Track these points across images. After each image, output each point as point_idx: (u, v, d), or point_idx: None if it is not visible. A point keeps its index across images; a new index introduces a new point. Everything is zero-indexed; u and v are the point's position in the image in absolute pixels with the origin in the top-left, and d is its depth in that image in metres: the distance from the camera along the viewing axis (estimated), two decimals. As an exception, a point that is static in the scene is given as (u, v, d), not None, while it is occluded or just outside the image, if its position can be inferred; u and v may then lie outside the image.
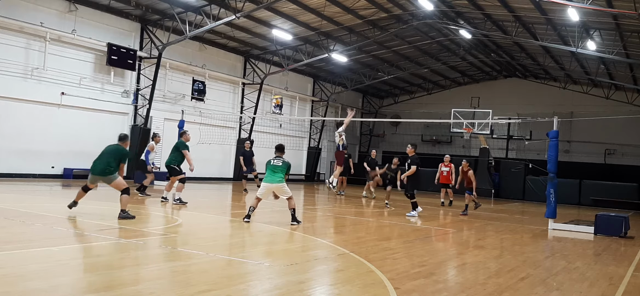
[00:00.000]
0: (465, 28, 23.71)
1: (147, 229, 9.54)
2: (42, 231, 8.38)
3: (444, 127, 31.99)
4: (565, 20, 20.21)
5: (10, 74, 18.03)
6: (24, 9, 18.22)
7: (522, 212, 20.06)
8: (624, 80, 27.51)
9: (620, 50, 21.87)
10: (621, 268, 8.40)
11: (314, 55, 26.55)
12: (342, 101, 35.02)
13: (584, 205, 25.85)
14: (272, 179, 10.82)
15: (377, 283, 6.18)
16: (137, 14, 21.69)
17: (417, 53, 29.21)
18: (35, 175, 18.78)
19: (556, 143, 13.46)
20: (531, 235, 12.28)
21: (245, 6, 20.02)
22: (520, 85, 33.88)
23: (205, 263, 6.85)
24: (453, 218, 15.13)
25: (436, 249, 9.27)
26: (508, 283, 6.70)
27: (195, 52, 24.72)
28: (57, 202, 10.88)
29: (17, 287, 5.09)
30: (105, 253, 7.22)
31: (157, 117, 22.83)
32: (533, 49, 26.91)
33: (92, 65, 20.57)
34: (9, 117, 18.12)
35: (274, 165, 10.91)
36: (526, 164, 27.72)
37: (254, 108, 27.60)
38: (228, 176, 27.14)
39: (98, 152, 10.38)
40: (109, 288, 5.29)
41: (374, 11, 22.54)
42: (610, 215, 13.11)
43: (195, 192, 18.49)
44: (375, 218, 13.95)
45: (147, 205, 13.15)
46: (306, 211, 14.64)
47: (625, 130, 29.60)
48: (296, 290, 5.74)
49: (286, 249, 8.73)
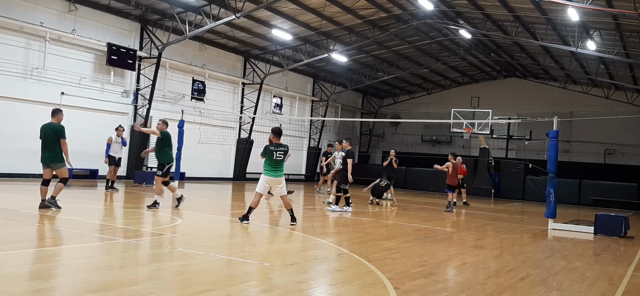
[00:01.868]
0: (465, 28, 23.71)
1: (147, 229, 9.54)
2: (41, 232, 8.38)
3: (444, 127, 32.00)
4: (565, 20, 20.21)
5: (10, 74, 18.03)
6: (24, 9, 18.22)
7: (522, 211, 20.05)
8: (624, 80, 27.51)
9: (620, 50, 21.87)
10: (621, 268, 8.40)
11: (313, 55, 26.56)
12: (342, 101, 35.06)
13: (584, 205, 25.84)
14: (275, 175, 10.36)
15: (377, 283, 6.18)
16: (137, 14, 21.69)
17: (417, 53, 29.21)
18: (35, 175, 18.74)
19: (556, 143, 13.46)
20: (531, 235, 12.28)
21: (245, 6, 20.03)
22: (520, 85, 33.88)
23: (205, 263, 6.85)
24: (453, 218, 15.13)
25: (436, 249, 9.26)
26: (508, 283, 6.70)
27: (195, 52, 24.73)
28: (57, 202, 10.88)
29: (17, 287, 5.09)
30: (105, 253, 7.22)
31: (157, 117, 22.82)
32: (533, 49, 26.91)
33: (92, 65, 20.58)
34: (9, 117, 18.12)
35: (277, 159, 10.34)
36: (526, 164, 27.71)
37: (253, 108, 27.61)
38: (228, 176, 27.15)
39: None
40: (108, 288, 5.29)
41: (374, 11, 22.54)
42: (610, 215, 13.11)
43: (196, 192, 18.49)
44: (375, 218, 13.95)
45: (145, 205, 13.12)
46: (306, 211, 14.65)
47: (625, 130, 29.59)
48: (296, 290, 5.74)
49: (286, 249, 8.73)
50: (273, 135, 10.56)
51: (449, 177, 16.92)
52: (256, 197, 10.44)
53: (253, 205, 10.43)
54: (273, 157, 10.32)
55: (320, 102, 33.35)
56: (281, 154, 10.39)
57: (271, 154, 10.32)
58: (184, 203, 12.50)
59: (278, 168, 10.41)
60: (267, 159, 10.38)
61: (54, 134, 10.44)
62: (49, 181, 10.66)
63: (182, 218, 10.98)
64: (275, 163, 10.36)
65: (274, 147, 10.36)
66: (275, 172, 10.39)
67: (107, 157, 16.64)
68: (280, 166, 10.44)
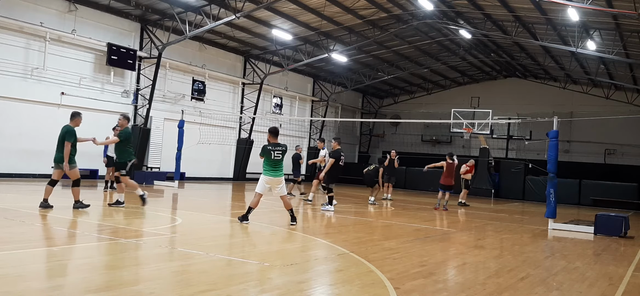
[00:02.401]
0: (465, 28, 23.71)
1: (147, 229, 9.54)
2: (42, 232, 8.38)
3: (444, 127, 32.01)
4: (565, 20, 20.21)
5: (10, 73, 18.03)
6: (24, 9, 18.21)
7: (522, 211, 20.06)
8: (623, 80, 27.51)
9: (620, 50, 21.87)
10: (621, 268, 8.40)
11: (314, 55, 26.56)
12: (342, 101, 35.06)
13: (584, 205, 25.84)
14: (275, 173, 10.39)
15: (377, 283, 6.18)
16: (137, 14, 21.68)
17: (417, 53, 29.21)
18: (35, 175, 18.77)
19: (556, 143, 13.46)
20: (531, 235, 12.27)
21: (245, 6, 20.02)
22: (520, 85, 33.87)
23: (205, 263, 6.85)
24: (453, 218, 15.13)
25: (436, 249, 9.26)
26: (508, 283, 6.70)
27: (195, 52, 24.73)
28: (57, 202, 10.88)
29: (17, 287, 5.08)
30: (105, 253, 7.22)
31: (157, 117, 22.85)
32: (533, 49, 26.91)
33: (92, 65, 20.57)
34: (9, 117, 18.12)
35: (276, 159, 10.35)
36: (526, 164, 27.73)
37: (253, 108, 27.61)
38: (228, 176, 27.15)
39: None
40: (109, 288, 5.29)
41: (374, 11, 22.54)
42: (610, 215, 13.11)
43: (196, 192, 18.50)
44: (375, 218, 13.95)
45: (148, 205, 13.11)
46: (306, 211, 14.64)
47: (625, 130, 29.59)
48: (296, 290, 5.74)
49: (286, 249, 8.72)
50: (270, 135, 10.62)
51: (444, 177, 16.67)
52: (256, 197, 10.43)
53: (253, 205, 10.42)
54: (271, 157, 10.33)
55: (320, 102, 33.36)
56: (279, 154, 10.40)
57: (269, 154, 10.33)
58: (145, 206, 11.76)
59: (277, 168, 10.42)
60: (266, 159, 10.39)
61: (62, 136, 10.50)
62: (56, 182, 10.59)
63: (182, 218, 10.97)
64: (274, 163, 10.37)
65: (271, 146, 10.38)
66: (275, 172, 10.40)
67: (105, 158, 16.57)
68: (279, 166, 10.44)
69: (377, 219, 13.67)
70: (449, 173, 16.78)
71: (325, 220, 12.63)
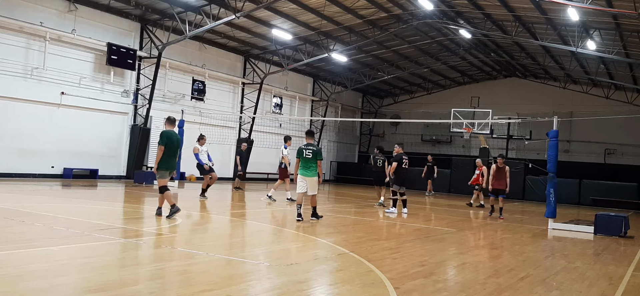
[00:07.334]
0: (465, 28, 23.71)
1: (147, 229, 9.54)
2: (42, 231, 8.38)
3: (443, 127, 31.99)
4: (565, 20, 20.20)
5: (10, 73, 18.03)
6: (24, 9, 18.22)
7: (522, 211, 20.06)
8: (624, 80, 27.51)
9: (620, 50, 21.87)
10: (621, 268, 8.41)
11: (313, 55, 26.56)
12: (342, 101, 35.06)
13: (584, 205, 25.84)
14: (306, 173, 11.15)
15: (377, 283, 6.19)
16: (137, 14, 21.69)
17: (417, 53, 29.21)
18: (35, 175, 18.78)
19: (556, 143, 13.46)
20: (531, 235, 12.27)
21: (245, 6, 20.02)
22: (520, 85, 33.87)
23: (205, 263, 6.86)
24: (453, 218, 15.13)
25: (436, 249, 9.26)
26: (508, 283, 6.70)
27: (195, 52, 24.73)
28: (57, 202, 10.88)
29: (17, 287, 5.09)
30: (105, 253, 7.22)
31: (157, 116, 22.82)
32: (533, 49, 26.91)
33: (92, 65, 20.57)
34: (9, 117, 18.12)
35: (306, 157, 11.15)
36: (526, 164, 27.72)
37: (253, 108, 27.61)
38: (228, 176, 27.14)
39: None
40: (109, 288, 5.29)
41: (374, 11, 22.54)
42: (610, 215, 13.11)
43: (196, 192, 18.48)
44: (375, 218, 13.95)
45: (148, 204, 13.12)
46: (306, 211, 14.62)
47: (625, 130, 29.60)
48: (296, 290, 5.74)
49: (286, 249, 8.73)
50: (306, 135, 11.70)
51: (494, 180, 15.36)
52: (298, 197, 11.28)
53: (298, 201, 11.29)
54: (303, 156, 11.22)
55: (320, 102, 33.36)
56: (310, 153, 11.19)
57: (301, 153, 11.25)
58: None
59: (307, 166, 11.19)
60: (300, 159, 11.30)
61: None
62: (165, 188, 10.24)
63: (182, 218, 10.97)
64: (305, 162, 11.20)
65: (304, 146, 11.29)
66: (305, 171, 11.20)
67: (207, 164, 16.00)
68: (309, 164, 11.17)
69: (377, 219, 13.67)
70: (500, 175, 15.31)
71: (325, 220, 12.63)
